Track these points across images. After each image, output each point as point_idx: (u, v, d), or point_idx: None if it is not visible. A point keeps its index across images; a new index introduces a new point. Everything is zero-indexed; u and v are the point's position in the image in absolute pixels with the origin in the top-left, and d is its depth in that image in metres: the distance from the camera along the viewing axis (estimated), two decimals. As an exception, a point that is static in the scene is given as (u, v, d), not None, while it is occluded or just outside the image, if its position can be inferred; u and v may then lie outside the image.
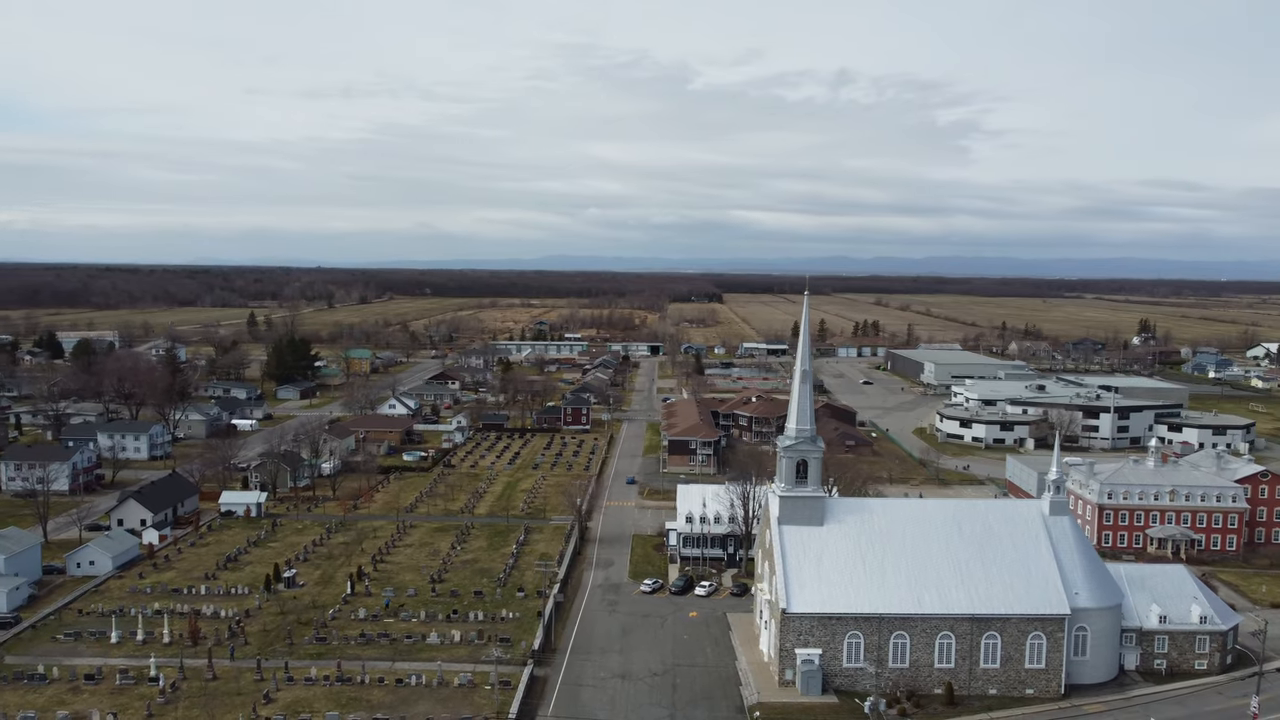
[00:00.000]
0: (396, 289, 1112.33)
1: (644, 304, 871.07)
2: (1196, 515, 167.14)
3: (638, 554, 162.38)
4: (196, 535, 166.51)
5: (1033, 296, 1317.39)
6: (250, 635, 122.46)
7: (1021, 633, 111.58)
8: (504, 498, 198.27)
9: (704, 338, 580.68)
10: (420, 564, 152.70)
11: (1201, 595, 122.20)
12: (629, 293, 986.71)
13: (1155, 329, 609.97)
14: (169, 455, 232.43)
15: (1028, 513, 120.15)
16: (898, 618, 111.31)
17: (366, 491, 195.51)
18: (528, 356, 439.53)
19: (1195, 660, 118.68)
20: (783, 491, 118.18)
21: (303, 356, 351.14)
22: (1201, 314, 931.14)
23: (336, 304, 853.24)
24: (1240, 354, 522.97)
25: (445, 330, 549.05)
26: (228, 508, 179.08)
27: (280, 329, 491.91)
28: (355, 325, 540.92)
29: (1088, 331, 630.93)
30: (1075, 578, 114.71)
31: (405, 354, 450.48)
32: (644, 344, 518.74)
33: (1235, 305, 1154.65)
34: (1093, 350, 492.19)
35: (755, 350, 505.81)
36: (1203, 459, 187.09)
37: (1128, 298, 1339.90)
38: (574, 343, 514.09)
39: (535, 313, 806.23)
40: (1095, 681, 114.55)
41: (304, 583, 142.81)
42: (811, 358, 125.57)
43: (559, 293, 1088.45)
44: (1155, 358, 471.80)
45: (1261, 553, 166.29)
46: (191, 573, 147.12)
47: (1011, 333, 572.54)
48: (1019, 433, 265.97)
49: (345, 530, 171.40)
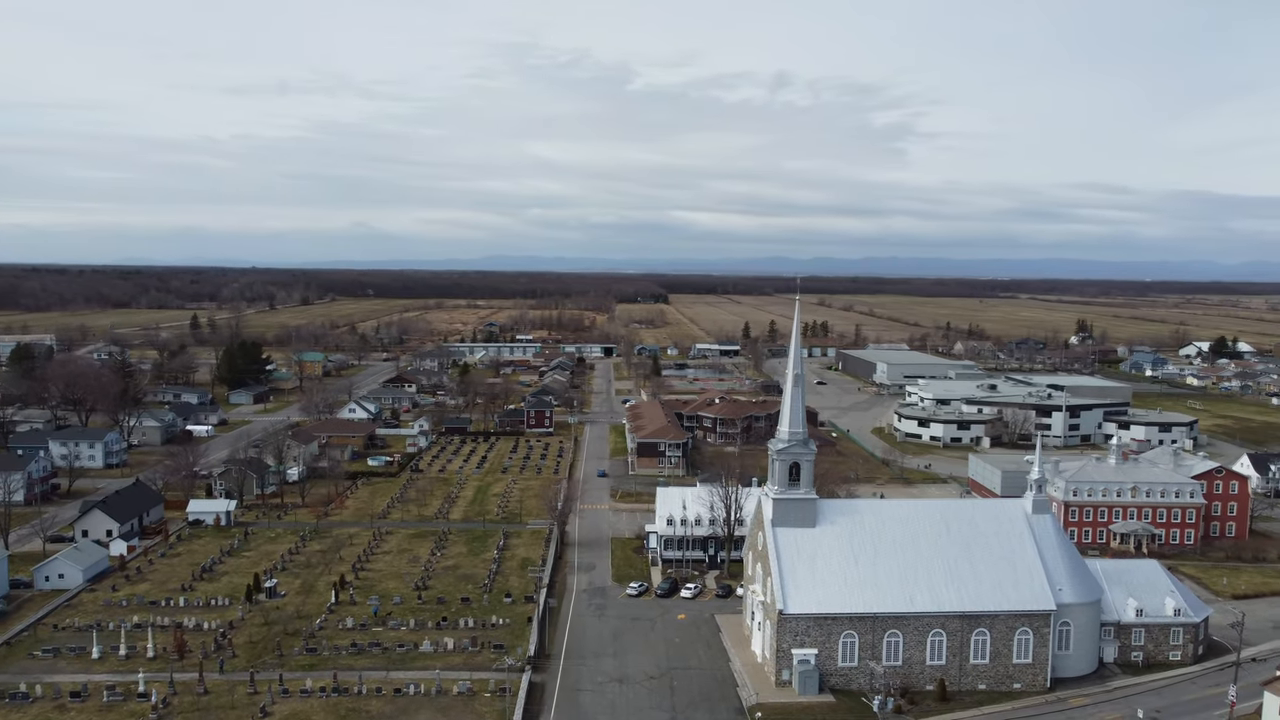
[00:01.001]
0: (338, 290, 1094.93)
1: (591, 305, 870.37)
2: (1157, 511, 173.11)
3: (618, 557, 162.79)
4: (166, 545, 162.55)
5: (969, 296, 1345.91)
6: (237, 647, 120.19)
7: (1009, 629, 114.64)
8: (477, 502, 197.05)
9: (655, 338, 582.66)
10: (402, 571, 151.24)
11: (1174, 588, 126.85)
12: (575, 293, 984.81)
13: (1092, 329, 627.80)
14: (125, 463, 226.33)
15: (1012, 512, 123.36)
16: (891, 616, 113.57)
17: (337, 498, 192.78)
18: (482, 359, 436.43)
19: (1170, 651, 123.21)
20: (776, 494, 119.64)
21: (254, 360, 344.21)
22: (1131, 314, 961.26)
23: (278, 305, 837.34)
24: (1173, 352, 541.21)
25: (395, 332, 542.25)
26: (196, 516, 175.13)
27: (225, 331, 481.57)
28: (301, 327, 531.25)
29: (1025, 331, 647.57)
30: (1058, 574, 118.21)
31: (356, 357, 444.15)
32: (597, 345, 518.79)
33: (1163, 305, 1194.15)
34: (1035, 350, 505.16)
35: (708, 351, 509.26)
36: (1160, 456, 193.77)
37: (1060, 298, 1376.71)
38: (527, 344, 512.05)
39: (482, 314, 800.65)
40: (1077, 674, 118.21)
41: (285, 592, 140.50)
42: (803, 361, 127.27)
43: (504, 293, 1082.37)
44: (1095, 357, 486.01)
45: (1217, 546, 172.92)
46: (166, 584, 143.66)
47: (956, 333, 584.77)
48: (975, 431, 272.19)
49: (320, 538, 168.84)
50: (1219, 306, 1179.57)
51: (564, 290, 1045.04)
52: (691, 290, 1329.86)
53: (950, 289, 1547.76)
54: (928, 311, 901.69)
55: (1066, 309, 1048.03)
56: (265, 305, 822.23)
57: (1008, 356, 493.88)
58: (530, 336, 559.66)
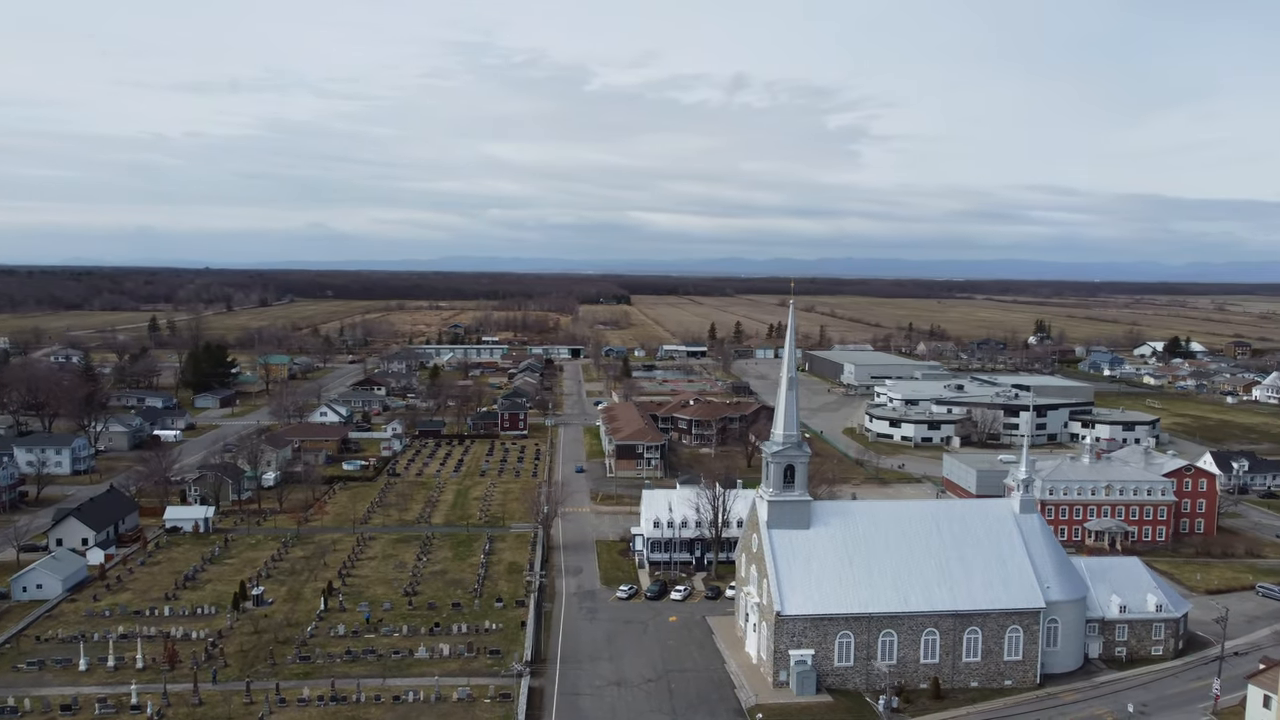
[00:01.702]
0: (296, 291, 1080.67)
1: (553, 306, 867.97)
2: (1130, 509, 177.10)
3: (605, 560, 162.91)
4: (145, 554, 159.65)
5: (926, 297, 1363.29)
6: (228, 657, 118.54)
7: (1001, 627, 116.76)
8: (458, 506, 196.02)
9: (621, 340, 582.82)
10: (389, 577, 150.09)
11: (1155, 585, 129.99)
12: (537, 295, 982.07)
13: (1050, 329, 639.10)
14: (93, 469, 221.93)
15: (1000, 511, 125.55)
16: (886, 616, 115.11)
17: (317, 503, 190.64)
18: (450, 361, 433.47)
19: (1152, 646, 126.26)
20: (771, 496, 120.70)
21: (219, 363, 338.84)
22: (1085, 314, 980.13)
23: (236, 307, 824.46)
24: (1129, 352, 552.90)
25: (359, 334, 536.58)
26: (173, 523, 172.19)
27: (185, 334, 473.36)
28: (262, 329, 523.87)
29: (983, 331, 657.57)
30: (1046, 572, 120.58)
31: (321, 359, 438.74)
32: (564, 347, 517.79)
33: (1113, 305, 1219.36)
34: (996, 350, 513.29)
35: (675, 353, 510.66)
36: (1130, 455, 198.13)
37: (1015, 298, 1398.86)
38: (493, 346, 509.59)
39: (445, 315, 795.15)
40: (1065, 670, 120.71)
41: (272, 600, 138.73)
42: (797, 365, 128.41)
43: (465, 294, 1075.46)
44: (1055, 357, 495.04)
45: (1188, 542, 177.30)
46: (149, 593, 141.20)
47: (918, 333, 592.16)
48: (945, 431, 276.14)
49: (302, 544, 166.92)
50: (1167, 307, 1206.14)
51: (526, 291, 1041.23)
52: (652, 291, 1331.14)
53: (908, 290, 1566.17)
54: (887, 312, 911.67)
55: (1021, 309, 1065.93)
56: (223, 307, 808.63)
57: (970, 357, 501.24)
58: (496, 338, 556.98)
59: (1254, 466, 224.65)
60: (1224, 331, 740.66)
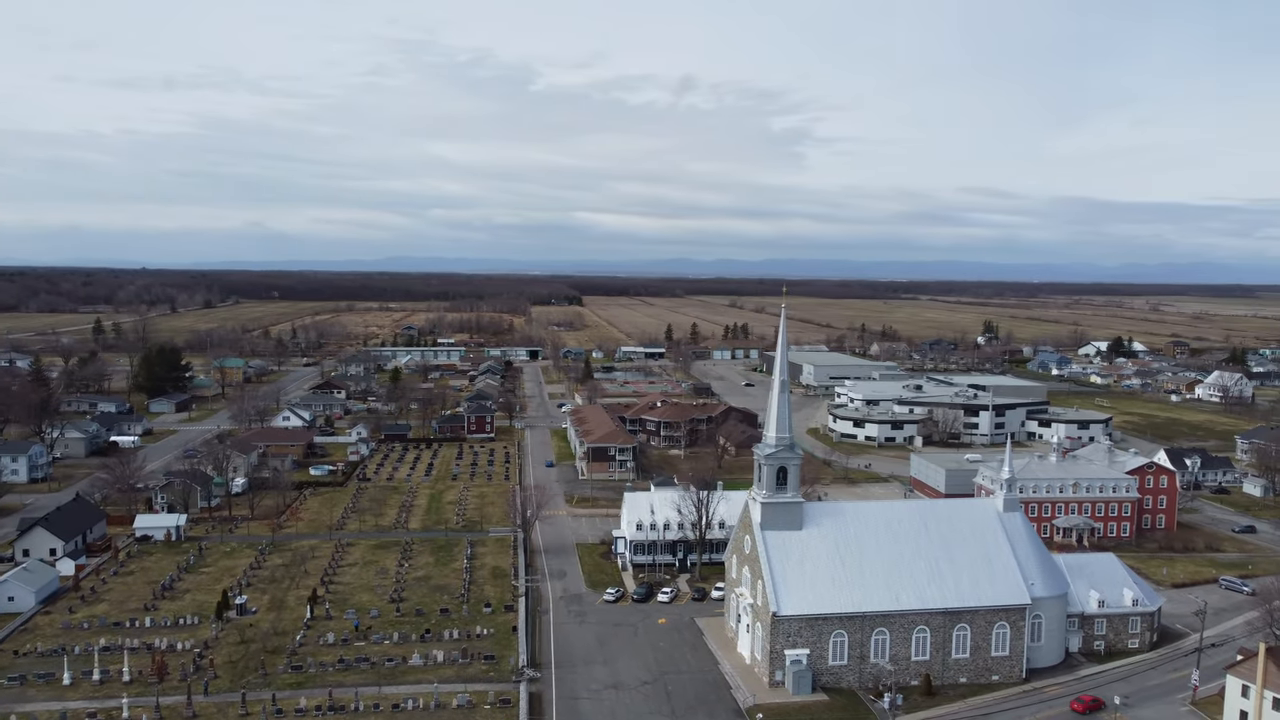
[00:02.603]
0: (240, 292, 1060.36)
1: (505, 307, 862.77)
2: (1095, 505, 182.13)
3: (587, 563, 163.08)
4: (117, 563, 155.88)
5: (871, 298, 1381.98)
6: (218, 668, 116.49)
7: (988, 623, 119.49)
8: (433, 511, 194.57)
9: (577, 341, 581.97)
10: (372, 584, 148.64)
11: (1131, 580, 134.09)
12: (488, 295, 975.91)
13: (997, 329, 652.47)
14: (50, 477, 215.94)
15: (985, 510, 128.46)
16: (879, 615, 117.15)
17: (290, 509, 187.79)
18: (408, 363, 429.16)
19: (1129, 640, 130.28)
20: (765, 498, 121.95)
21: (173, 367, 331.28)
22: (1027, 315, 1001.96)
23: (180, 309, 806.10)
24: (1073, 352, 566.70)
25: (313, 336, 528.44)
26: (144, 532, 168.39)
27: (132, 337, 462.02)
28: (211, 332, 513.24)
29: (932, 331, 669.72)
30: (1030, 569, 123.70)
31: (276, 362, 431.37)
32: (521, 348, 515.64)
33: (1054, 306, 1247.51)
34: (948, 350, 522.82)
35: (634, 354, 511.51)
36: (1094, 453, 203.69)
37: (958, 299, 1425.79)
38: (450, 348, 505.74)
39: (396, 317, 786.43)
40: (1048, 665, 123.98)
41: (255, 609, 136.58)
42: (787, 368, 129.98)
43: (415, 296, 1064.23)
44: (1004, 357, 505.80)
45: (1150, 538, 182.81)
46: (126, 604, 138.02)
47: (871, 334, 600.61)
48: (908, 431, 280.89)
49: (279, 551, 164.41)
50: (1105, 308, 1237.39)
51: (475, 292, 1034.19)
52: (603, 292, 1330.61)
53: (854, 290, 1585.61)
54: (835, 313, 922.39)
55: (966, 310, 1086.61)
56: (166, 308, 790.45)
57: (922, 357, 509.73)
58: (452, 340, 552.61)
59: (1205, 463, 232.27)
60: (1161, 331, 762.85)
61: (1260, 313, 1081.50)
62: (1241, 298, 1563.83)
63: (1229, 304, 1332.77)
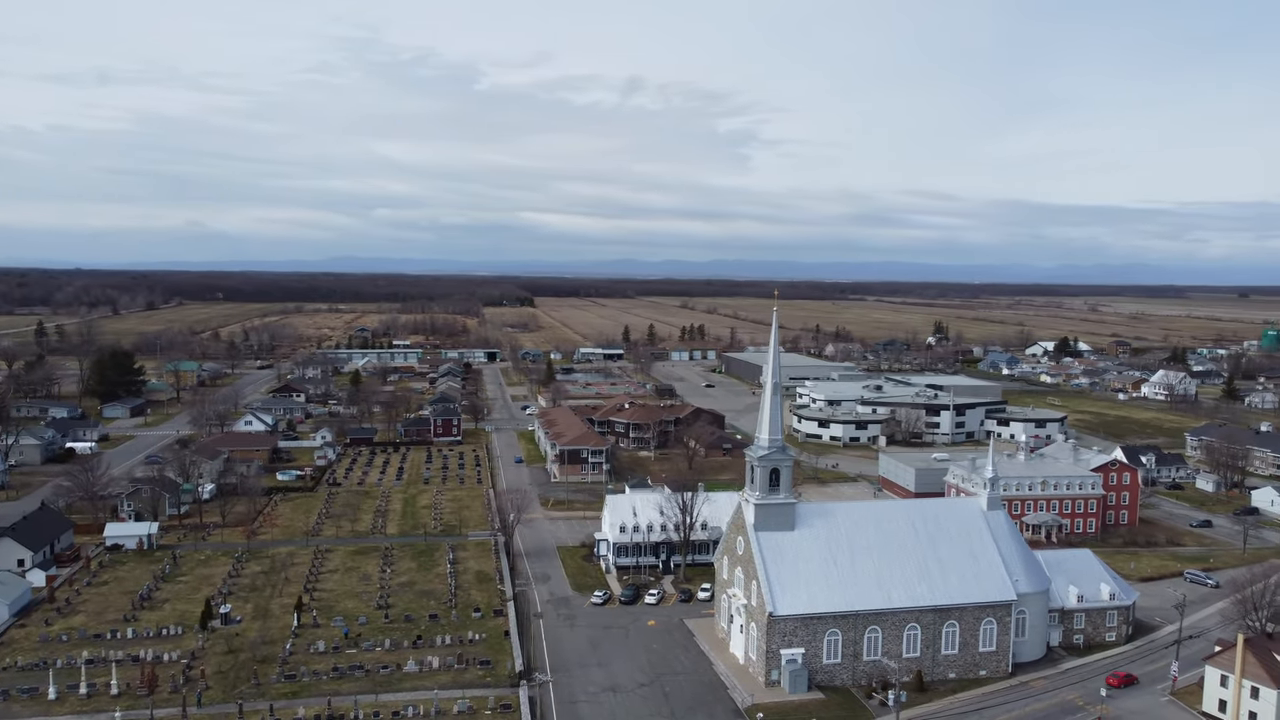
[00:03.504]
0: (183, 293, 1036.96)
1: (457, 308, 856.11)
2: (1063, 503, 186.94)
3: (570, 566, 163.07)
4: (89, 574, 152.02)
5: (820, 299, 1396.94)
6: (209, 679, 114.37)
7: (976, 620, 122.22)
8: (408, 515, 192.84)
9: (533, 342, 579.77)
10: (356, 590, 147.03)
11: (1107, 575, 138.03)
12: (439, 296, 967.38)
13: (948, 330, 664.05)
14: (6, 485, 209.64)
15: (970, 509, 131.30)
16: (871, 613, 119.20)
17: (265, 516, 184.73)
18: (366, 366, 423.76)
19: (1106, 633, 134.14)
20: (758, 499, 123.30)
21: (126, 370, 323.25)
22: (972, 315, 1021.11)
23: (122, 310, 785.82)
24: (1021, 351, 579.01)
25: (265, 339, 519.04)
26: (114, 541, 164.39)
27: (76, 339, 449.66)
28: (159, 334, 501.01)
29: (882, 332, 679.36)
30: (1014, 566, 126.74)
31: (230, 365, 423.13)
32: (479, 350, 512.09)
33: (996, 306, 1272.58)
34: (901, 350, 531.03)
35: (592, 355, 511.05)
36: (1059, 451, 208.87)
37: (904, 299, 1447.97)
38: (407, 350, 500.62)
39: (347, 318, 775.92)
40: (1031, 659, 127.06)
41: (240, 618, 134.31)
42: (779, 371, 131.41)
43: (365, 297, 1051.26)
44: (956, 357, 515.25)
45: (1115, 533, 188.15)
46: (104, 615, 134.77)
47: (825, 335, 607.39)
48: (872, 431, 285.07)
49: (256, 559, 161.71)
50: (1045, 308, 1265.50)
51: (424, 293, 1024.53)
52: (553, 293, 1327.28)
53: (802, 291, 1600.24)
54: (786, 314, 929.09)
55: (912, 310, 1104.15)
56: (108, 310, 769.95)
57: (876, 357, 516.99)
58: (408, 342, 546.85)
59: (1159, 460, 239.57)
60: (1102, 331, 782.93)
61: (1194, 313, 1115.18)
62: (1174, 299, 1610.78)
63: (1163, 305, 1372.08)
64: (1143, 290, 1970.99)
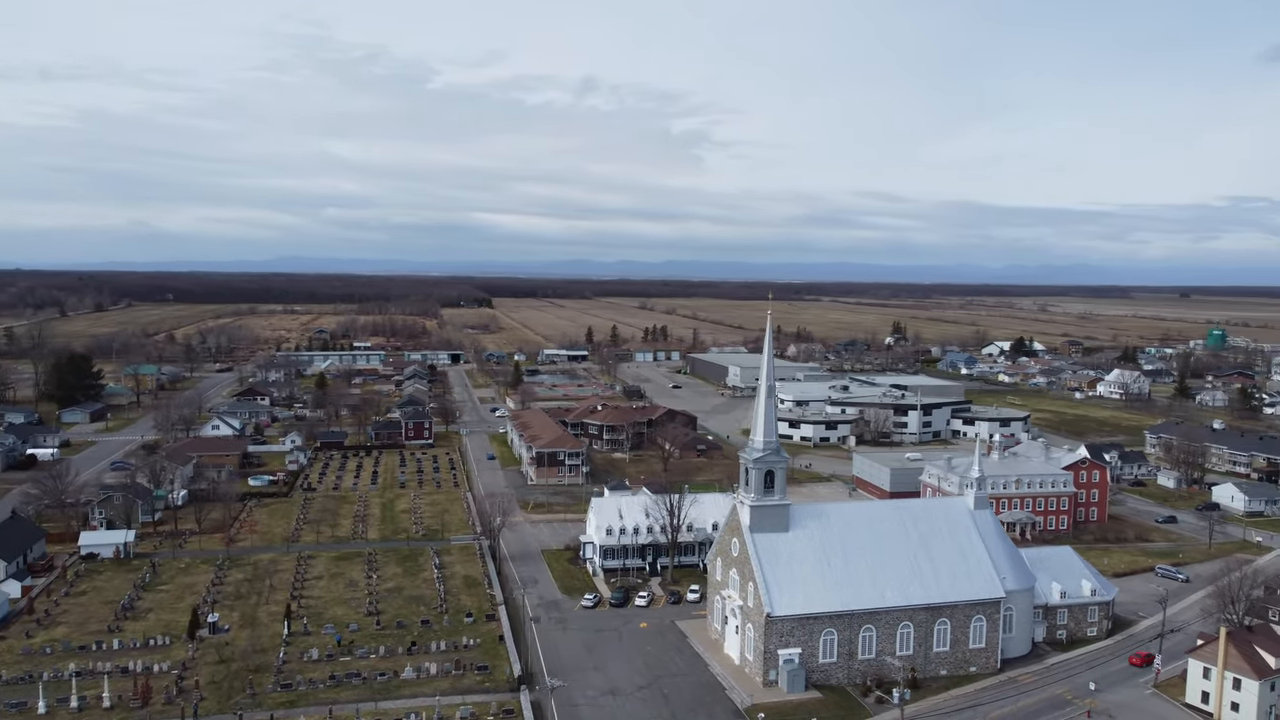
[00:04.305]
0: (129, 294, 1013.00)
1: (414, 309, 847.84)
2: (1036, 500, 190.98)
3: (556, 569, 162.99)
4: (66, 584, 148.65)
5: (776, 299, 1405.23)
6: (203, 689, 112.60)
7: (966, 617, 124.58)
8: (388, 520, 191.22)
9: (496, 344, 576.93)
10: (344, 597, 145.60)
11: (1088, 571, 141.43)
12: (395, 297, 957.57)
13: (906, 330, 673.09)
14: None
15: (958, 509, 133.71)
16: (866, 612, 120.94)
17: (244, 522, 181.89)
18: (329, 368, 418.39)
19: (1088, 628, 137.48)
20: (753, 501, 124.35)
21: (85, 374, 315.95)
22: (926, 315, 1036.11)
23: (70, 312, 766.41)
24: (977, 351, 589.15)
25: (223, 341, 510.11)
26: (90, 550, 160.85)
27: (26, 342, 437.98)
28: (112, 336, 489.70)
29: (841, 332, 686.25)
30: (1002, 564, 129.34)
31: (188, 368, 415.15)
32: (442, 352, 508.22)
33: (949, 306, 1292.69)
34: (862, 351, 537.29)
35: (556, 357, 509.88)
36: (1030, 450, 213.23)
37: (858, 300, 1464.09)
38: (369, 352, 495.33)
39: (303, 320, 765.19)
40: (1018, 655, 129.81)
41: (228, 627, 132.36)
42: (773, 373, 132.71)
43: (319, 298, 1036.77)
44: (916, 357, 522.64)
45: (1086, 530, 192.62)
46: (87, 626, 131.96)
47: (786, 336, 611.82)
48: (842, 431, 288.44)
49: (238, 566, 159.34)
50: (996, 308, 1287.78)
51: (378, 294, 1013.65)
52: (509, 293, 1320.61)
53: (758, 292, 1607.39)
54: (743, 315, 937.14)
55: (866, 311, 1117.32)
56: (55, 312, 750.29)
57: (838, 358, 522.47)
58: (369, 344, 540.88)
59: (1123, 458, 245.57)
60: (1053, 331, 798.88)
61: (1139, 313, 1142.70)
62: (1119, 299, 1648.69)
63: (1109, 304, 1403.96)
64: (1088, 290, 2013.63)
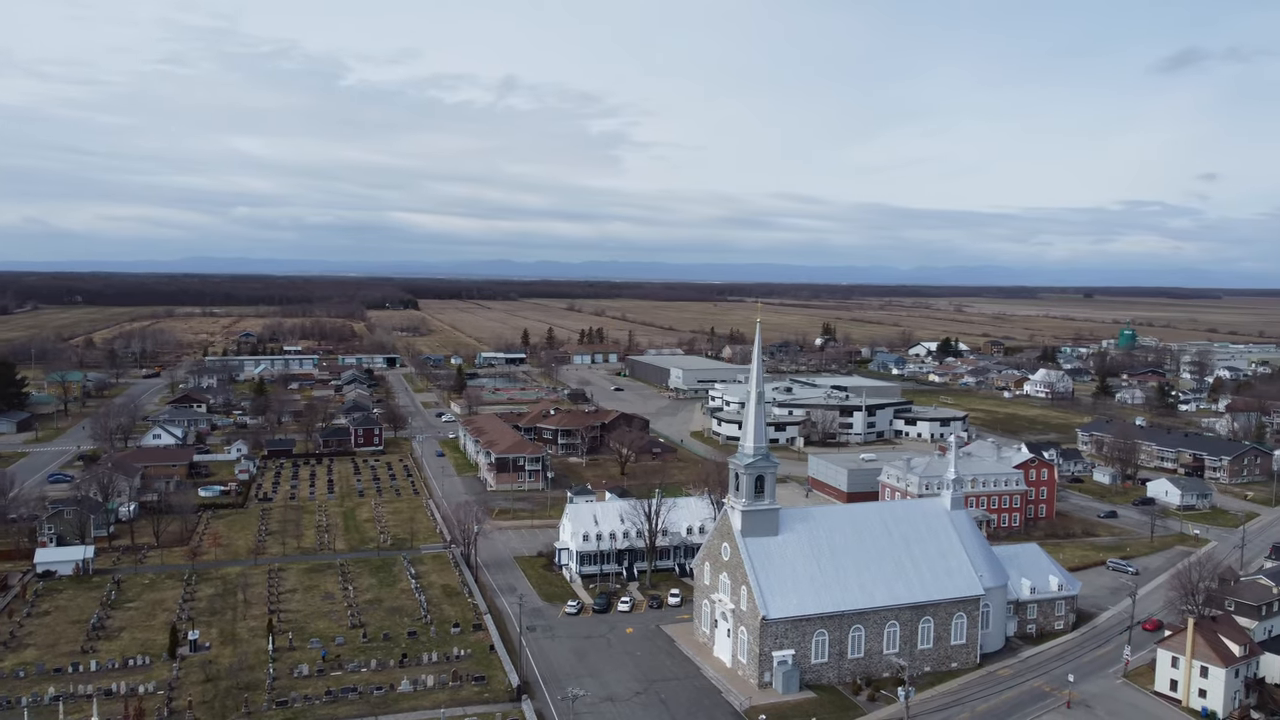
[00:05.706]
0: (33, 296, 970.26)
1: (339, 311, 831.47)
2: (990, 498, 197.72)
3: (533, 576, 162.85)
4: (27, 604, 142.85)
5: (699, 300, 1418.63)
6: (196, 710, 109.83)
7: (949, 615, 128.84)
8: (352, 530, 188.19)
9: (429, 347, 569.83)
10: (324, 610, 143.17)
11: (1054, 568, 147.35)
12: (317, 299, 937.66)
13: (835, 331, 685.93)
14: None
15: (936, 510, 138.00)
16: (855, 613, 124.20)
17: (213, 536, 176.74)
18: (263, 373, 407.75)
19: (1055, 622, 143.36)
20: (744, 506, 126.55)
21: (9, 382, 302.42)
22: (850, 316, 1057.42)
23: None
24: (904, 352, 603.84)
25: (147, 345, 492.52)
26: (46, 567, 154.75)
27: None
28: (27, 341, 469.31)
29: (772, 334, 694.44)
30: (979, 562, 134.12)
31: (114, 375, 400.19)
32: (377, 356, 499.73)
33: (869, 307, 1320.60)
34: (796, 352, 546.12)
35: (494, 360, 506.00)
36: (982, 450, 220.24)
37: (781, 301, 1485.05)
38: (301, 356, 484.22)
39: (225, 323, 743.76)
40: (994, 650, 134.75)
41: (208, 644, 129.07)
42: (763, 379, 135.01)
43: (237, 299, 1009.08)
44: (849, 358, 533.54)
45: (1036, 526, 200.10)
46: (57, 648, 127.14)
47: (719, 337, 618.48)
48: (790, 433, 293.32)
49: (205, 581, 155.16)
50: (914, 309, 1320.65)
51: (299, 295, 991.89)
52: (434, 295, 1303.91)
53: (681, 293, 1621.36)
54: (671, 315, 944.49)
55: (791, 311, 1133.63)
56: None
57: (772, 359, 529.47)
58: (299, 347, 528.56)
59: (1062, 455, 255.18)
60: (971, 331, 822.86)
61: (1049, 313, 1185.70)
62: (1028, 299, 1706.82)
63: (1019, 305, 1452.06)
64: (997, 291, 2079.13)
